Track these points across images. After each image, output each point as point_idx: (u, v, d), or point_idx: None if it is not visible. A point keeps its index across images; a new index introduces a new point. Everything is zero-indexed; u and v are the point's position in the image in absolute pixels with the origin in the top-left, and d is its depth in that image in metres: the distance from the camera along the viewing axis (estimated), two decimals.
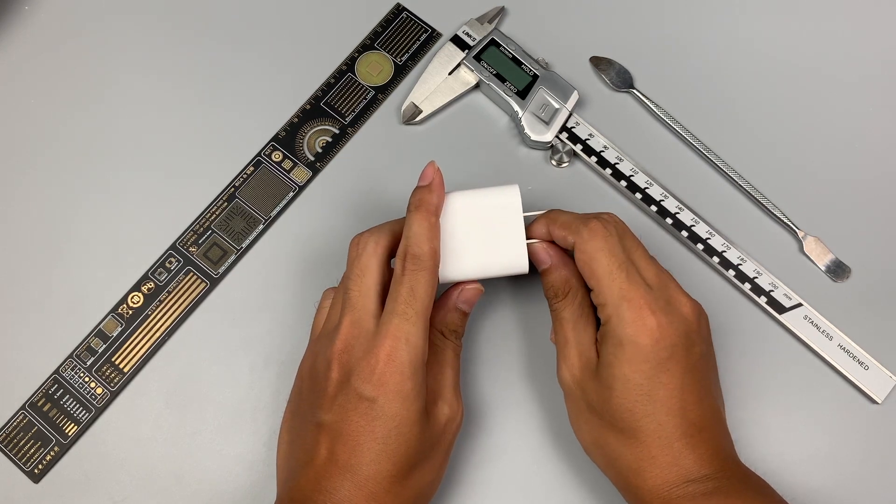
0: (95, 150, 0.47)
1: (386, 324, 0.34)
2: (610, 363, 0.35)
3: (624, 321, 0.35)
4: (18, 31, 0.49)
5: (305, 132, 0.48)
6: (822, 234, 0.46)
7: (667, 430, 0.34)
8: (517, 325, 0.44)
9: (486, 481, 0.42)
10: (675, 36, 0.50)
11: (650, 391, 0.34)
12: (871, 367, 0.43)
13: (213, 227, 0.46)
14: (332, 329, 0.36)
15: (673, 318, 0.35)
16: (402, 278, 0.35)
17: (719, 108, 0.49)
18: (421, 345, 0.34)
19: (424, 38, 0.50)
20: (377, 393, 0.33)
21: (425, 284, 0.35)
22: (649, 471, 0.35)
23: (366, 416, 0.34)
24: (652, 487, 0.34)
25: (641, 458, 0.35)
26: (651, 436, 0.35)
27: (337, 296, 0.38)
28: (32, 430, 0.42)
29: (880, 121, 0.49)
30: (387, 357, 0.34)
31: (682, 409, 0.35)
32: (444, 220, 0.38)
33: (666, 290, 0.36)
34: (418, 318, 0.34)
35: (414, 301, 0.34)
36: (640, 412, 0.35)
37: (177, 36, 0.49)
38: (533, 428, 0.43)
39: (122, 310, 0.44)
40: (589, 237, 0.36)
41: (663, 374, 0.35)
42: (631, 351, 0.35)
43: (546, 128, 0.47)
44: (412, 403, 0.34)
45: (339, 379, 0.35)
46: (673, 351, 0.35)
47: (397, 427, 0.34)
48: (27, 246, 0.45)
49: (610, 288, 0.35)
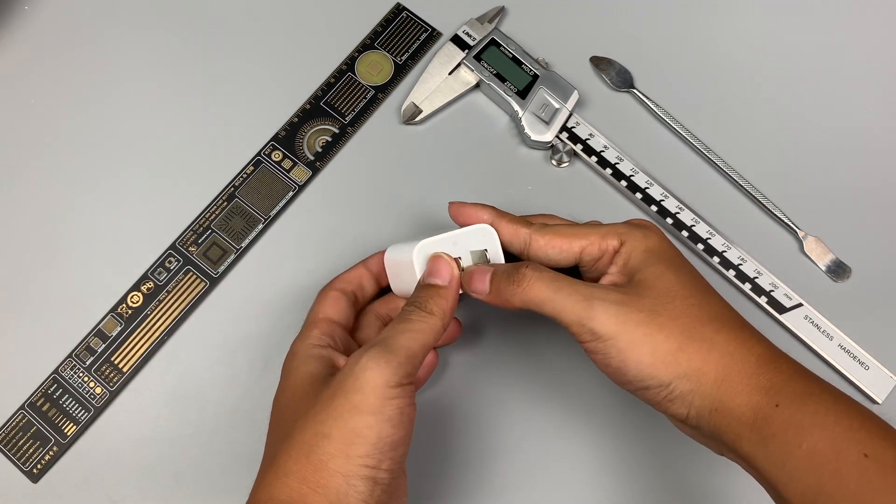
0: (95, 150, 0.47)
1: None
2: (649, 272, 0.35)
3: (630, 234, 0.36)
4: (18, 31, 0.49)
5: (305, 132, 0.48)
6: (822, 234, 0.46)
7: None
8: (518, 325, 0.44)
9: (487, 481, 0.42)
10: (675, 36, 0.50)
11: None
12: (871, 367, 0.43)
13: (212, 226, 0.46)
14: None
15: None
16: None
17: (719, 108, 0.49)
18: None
19: (424, 37, 0.50)
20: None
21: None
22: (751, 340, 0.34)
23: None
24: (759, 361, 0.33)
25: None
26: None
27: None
28: (31, 430, 0.42)
29: (880, 121, 0.49)
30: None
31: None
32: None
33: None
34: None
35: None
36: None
37: (177, 36, 0.49)
38: (534, 427, 0.43)
39: (121, 309, 0.44)
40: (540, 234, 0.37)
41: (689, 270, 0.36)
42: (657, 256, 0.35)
43: (546, 128, 0.47)
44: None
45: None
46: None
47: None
48: (27, 245, 0.45)
49: (589, 233, 0.36)
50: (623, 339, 0.33)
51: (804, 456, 0.30)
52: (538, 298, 0.34)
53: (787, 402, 0.31)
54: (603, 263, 0.36)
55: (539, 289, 0.34)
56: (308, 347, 0.36)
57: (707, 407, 0.32)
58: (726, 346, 0.33)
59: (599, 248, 0.36)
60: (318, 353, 0.36)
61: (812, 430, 0.30)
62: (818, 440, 0.30)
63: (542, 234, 0.37)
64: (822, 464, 0.30)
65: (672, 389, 0.33)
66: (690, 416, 0.33)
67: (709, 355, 0.33)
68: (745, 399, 0.32)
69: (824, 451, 0.30)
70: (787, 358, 0.33)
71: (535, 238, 0.37)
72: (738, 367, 0.32)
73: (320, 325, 0.37)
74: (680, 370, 0.33)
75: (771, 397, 0.32)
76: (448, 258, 0.36)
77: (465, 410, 0.43)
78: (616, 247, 0.36)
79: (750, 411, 0.32)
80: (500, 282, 0.35)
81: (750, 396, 0.32)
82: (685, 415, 0.33)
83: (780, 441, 0.31)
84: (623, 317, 0.33)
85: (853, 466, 0.29)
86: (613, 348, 0.33)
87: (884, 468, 0.29)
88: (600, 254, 0.36)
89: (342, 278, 0.40)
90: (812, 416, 0.31)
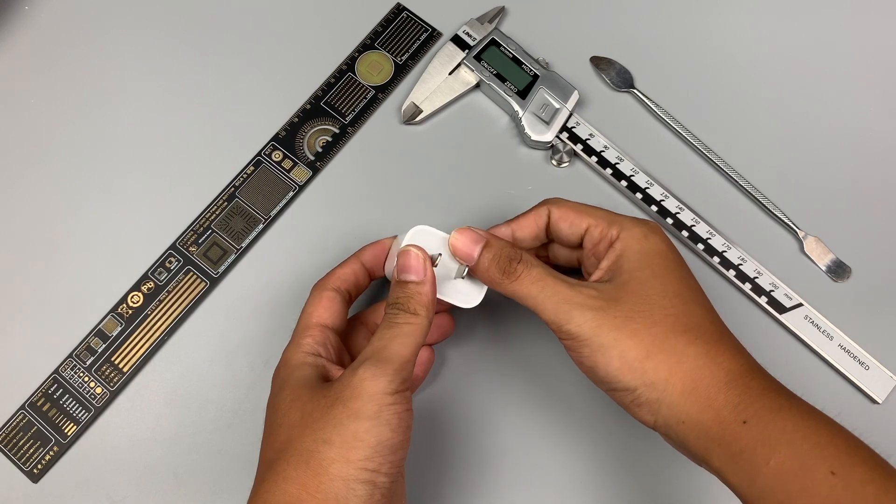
0: (95, 150, 0.47)
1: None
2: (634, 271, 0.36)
3: (630, 230, 0.37)
4: (18, 31, 0.49)
5: (305, 132, 0.48)
6: (822, 234, 0.46)
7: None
8: (518, 325, 0.44)
9: (487, 480, 0.42)
10: (675, 36, 0.50)
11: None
12: (871, 367, 0.43)
13: (212, 226, 0.46)
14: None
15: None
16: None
17: (719, 108, 0.49)
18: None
19: (424, 37, 0.50)
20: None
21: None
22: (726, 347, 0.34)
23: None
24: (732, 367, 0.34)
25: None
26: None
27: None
28: (32, 430, 0.42)
29: (880, 121, 0.49)
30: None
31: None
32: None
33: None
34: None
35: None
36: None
37: (177, 36, 0.49)
38: (535, 427, 0.43)
39: (121, 309, 0.44)
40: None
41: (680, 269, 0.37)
42: (649, 257, 0.36)
43: (546, 128, 0.47)
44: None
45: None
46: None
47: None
48: (27, 246, 0.45)
49: (599, 215, 0.37)
50: (594, 343, 0.34)
51: (772, 473, 0.30)
52: (523, 293, 0.36)
53: (755, 420, 0.31)
54: (599, 250, 0.37)
55: (526, 285, 0.35)
56: (301, 356, 0.36)
57: (674, 418, 0.33)
58: (696, 359, 0.33)
59: (601, 231, 0.37)
60: (311, 361, 0.36)
61: (779, 448, 0.31)
62: (785, 458, 0.30)
63: (557, 207, 0.39)
64: (789, 481, 0.30)
65: (638, 395, 0.34)
66: (658, 424, 0.34)
67: (677, 367, 0.33)
68: (712, 414, 0.32)
69: (792, 468, 0.30)
70: (760, 373, 0.34)
71: (553, 210, 0.38)
72: (707, 382, 0.33)
73: (312, 332, 0.37)
74: (646, 378, 0.33)
75: (739, 413, 0.32)
76: (417, 250, 0.36)
77: (460, 409, 0.43)
78: (614, 237, 0.37)
79: (717, 427, 0.32)
80: (493, 265, 0.36)
81: (718, 411, 0.32)
82: (653, 422, 0.34)
83: (748, 458, 0.31)
84: (598, 321, 0.34)
85: (820, 484, 0.30)
86: (586, 349, 0.34)
87: (850, 486, 0.29)
88: (600, 238, 0.37)
89: (336, 276, 0.39)
90: (780, 433, 0.31)
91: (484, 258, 0.36)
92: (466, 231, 0.37)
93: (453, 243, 0.37)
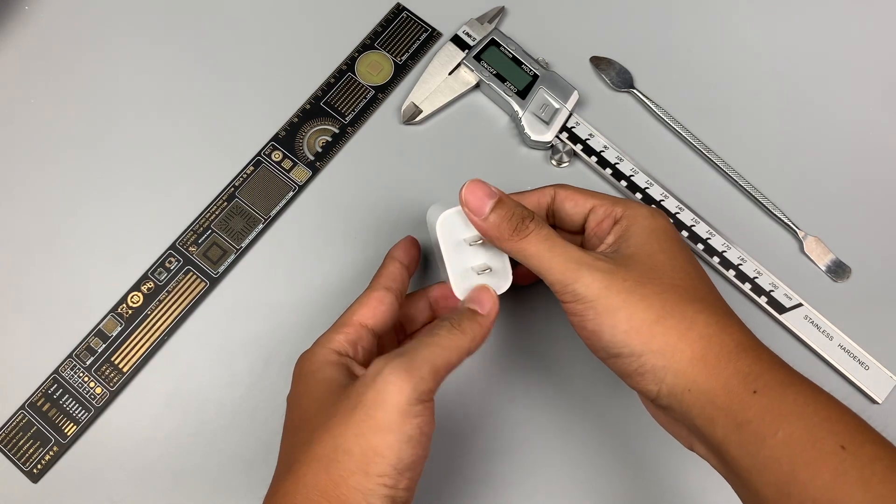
0: (95, 150, 0.47)
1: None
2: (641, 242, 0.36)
3: (635, 209, 0.37)
4: (18, 31, 0.49)
5: (305, 132, 0.48)
6: (822, 234, 0.46)
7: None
8: (519, 323, 0.44)
9: (488, 481, 0.42)
10: (675, 36, 0.50)
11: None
12: (871, 367, 0.43)
13: (212, 226, 0.46)
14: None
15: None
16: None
17: (719, 108, 0.49)
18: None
19: (424, 37, 0.50)
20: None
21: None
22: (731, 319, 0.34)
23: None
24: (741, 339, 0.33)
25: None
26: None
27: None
28: (31, 430, 0.42)
29: (880, 121, 0.49)
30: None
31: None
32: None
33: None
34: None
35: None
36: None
37: (177, 36, 0.49)
38: (534, 427, 0.43)
39: (121, 309, 0.44)
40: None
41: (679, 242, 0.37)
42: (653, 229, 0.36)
43: (546, 128, 0.47)
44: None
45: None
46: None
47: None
48: (27, 245, 0.45)
49: (604, 197, 0.38)
50: (602, 303, 0.33)
51: (779, 444, 0.30)
52: (531, 251, 0.35)
53: (765, 390, 0.31)
54: (603, 228, 0.37)
55: (535, 243, 0.35)
56: (327, 352, 0.35)
57: (680, 386, 0.32)
58: (706, 327, 0.33)
59: (605, 210, 0.37)
60: (336, 359, 0.35)
61: (789, 419, 0.30)
62: (795, 429, 0.30)
63: (563, 189, 0.39)
64: (797, 452, 0.29)
65: (643, 362, 0.33)
66: (661, 394, 0.33)
67: (687, 333, 0.32)
68: (721, 382, 0.31)
69: (801, 439, 0.30)
70: (767, 349, 0.33)
71: (559, 191, 0.39)
72: (717, 350, 0.32)
73: (347, 329, 0.36)
74: (654, 343, 0.32)
75: (749, 383, 0.31)
76: (493, 292, 0.36)
77: (460, 409, 0.43)
78: (619, 215, 0.37)
79: (725, 394, 0.31)
80: (503, 221, 0.35)
81: (727, 380, 0.31)
82: (655, 392, 0.33)
83: (755, 427, 0.30)
84: (607, 282, 0.33)
85: (830, 457, 0.29)
86: (591, 310, 0.33)
87: (860, 461, 0.29)
88: (604, 216, 0.37)
89: (387, 274, 0.38)
90: (791, 405, 0.30)
91: (496, 213, 0.35)
92: (478, 183, 0.36)
93: (464, 195, 0.36)
